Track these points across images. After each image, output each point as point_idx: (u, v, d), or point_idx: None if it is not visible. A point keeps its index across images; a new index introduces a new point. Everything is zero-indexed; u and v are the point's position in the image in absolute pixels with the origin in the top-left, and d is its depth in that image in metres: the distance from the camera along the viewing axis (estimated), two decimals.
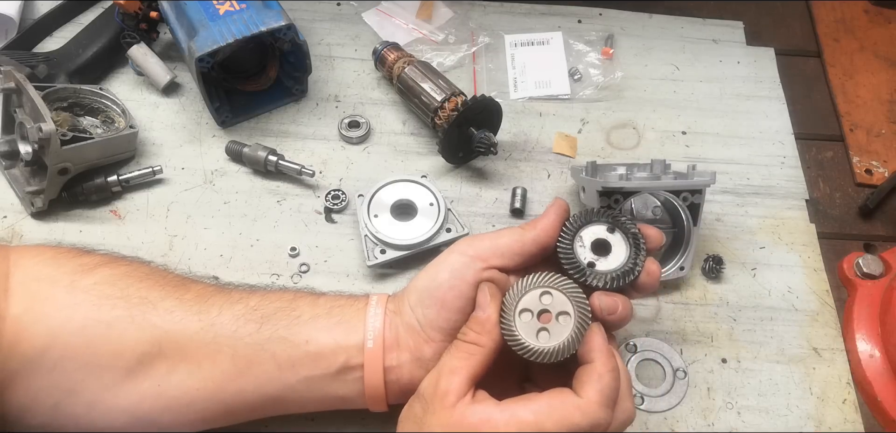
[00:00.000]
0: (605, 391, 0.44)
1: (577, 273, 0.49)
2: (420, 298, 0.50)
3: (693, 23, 0.88)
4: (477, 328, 0.47)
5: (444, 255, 0.51)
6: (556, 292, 0.47)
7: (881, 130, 0.80)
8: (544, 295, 0.47)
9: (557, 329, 0.46)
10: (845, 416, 0.60)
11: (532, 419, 0.43)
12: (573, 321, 0.46)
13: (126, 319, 0.48)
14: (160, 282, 0.51)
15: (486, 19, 0.87)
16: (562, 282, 0.47)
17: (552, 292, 0.47)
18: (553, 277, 0.47)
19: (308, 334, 0.50)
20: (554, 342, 0.46)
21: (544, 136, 0.77)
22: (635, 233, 0.50)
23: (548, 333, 0.46)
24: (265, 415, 0.52)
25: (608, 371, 0.44)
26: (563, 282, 0.47)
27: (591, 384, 0.44)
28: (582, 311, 0.46)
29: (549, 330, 0.46)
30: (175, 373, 0.48)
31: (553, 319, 0.46)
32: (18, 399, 0.46)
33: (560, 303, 0.47)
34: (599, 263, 0.50)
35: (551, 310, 0.47)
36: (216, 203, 0.70)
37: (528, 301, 0.47)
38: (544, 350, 0.45)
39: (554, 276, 0.47)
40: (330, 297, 0.53)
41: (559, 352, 0.45)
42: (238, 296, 0.52)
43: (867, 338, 0.63)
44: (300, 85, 0.77)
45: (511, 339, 0.46)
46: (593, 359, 0.45)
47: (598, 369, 0.44)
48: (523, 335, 0.46)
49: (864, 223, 0.73)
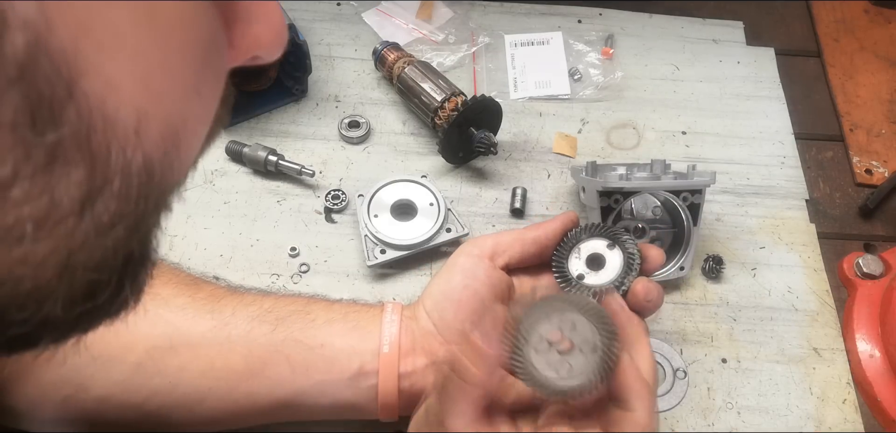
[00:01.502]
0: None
1: (563, 282, 0.49)
2: (436, 303, 0.51)
3: (693, 23, 0.88)
4: (482, 366, 0.41)
5: (452, 259, 0.52)
6: (578, 319, 0.40)
7: (881, 130, 0.80)
8: (563, 319, 0.40)
9: (581, 362, 0.40)
10: (845, 416, 0.60)
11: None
12: (600, 352, 0.40)
13: (138, 314, 0.48)
14: (173, 279, 0.51)
15: (486, 19, 0.87)
16: (584, 304, 0.41)
17: (574, 316, 0.40)
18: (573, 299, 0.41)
19: (323, 338, 0.49)
20: (578, 379, 0.39)
21: (544, 136, 0.77)
22: (631, 253, 0.49)
23: (569, 366, 0.39)
24: (274, 420, 0.51)
25: (646, 417, 0.38)
26: (585, 305, 0.41)
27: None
28: (608, 341, 0.40)
29: (571, 363, 0.40)
30: (186, 370, 0.48)
31: (576, 350, 0.40)
32: (29, 392, 0.46)
33: (584, 331, 0.40)
34: (589, 277, 0.50)
35: (574, 340, 0.40)
36: (216, 203, 0.70)
37: (546, 330, 0.40)
38: (567, 389, 0.39)
39: (574, 297, 0.42)
40: (344, 303, 0.53)
41: (581, 391, 0.39)
42: (251, 298, 0.51)
43: (867, 338, 0.63)
44: (300, 85, 0.77)
45: (527, 378, 0.40)
46: (634, 408, 0.39)
47: (637, 420, 0.39)
48: (541, 372, 0.40)
49: (864, 223, 0.73)
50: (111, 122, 0.19)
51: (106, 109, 0.19)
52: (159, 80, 0.20)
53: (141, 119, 0.20)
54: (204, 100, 0.24)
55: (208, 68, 0.23)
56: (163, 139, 0.21)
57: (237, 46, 0.25)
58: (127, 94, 0.19)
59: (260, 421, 0.51)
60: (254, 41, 0.26)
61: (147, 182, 0.21)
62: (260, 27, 0.25)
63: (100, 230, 0.20)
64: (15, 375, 0.46)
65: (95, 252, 0.20)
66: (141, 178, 0.21)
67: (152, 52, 0.20)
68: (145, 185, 0.21)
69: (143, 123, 0.20)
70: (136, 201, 0.21)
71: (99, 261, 0.21)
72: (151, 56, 0.20)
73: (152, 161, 0.21)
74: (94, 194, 0.19)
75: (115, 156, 0.19)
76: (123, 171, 0.20)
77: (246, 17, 0.25)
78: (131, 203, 0.21)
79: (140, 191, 0.21)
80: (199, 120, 0.24)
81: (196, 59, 0.22)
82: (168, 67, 0.21)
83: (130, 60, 0.19)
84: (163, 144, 0.21)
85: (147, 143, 0.20)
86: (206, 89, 0.23)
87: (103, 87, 0.19)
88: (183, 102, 0.22)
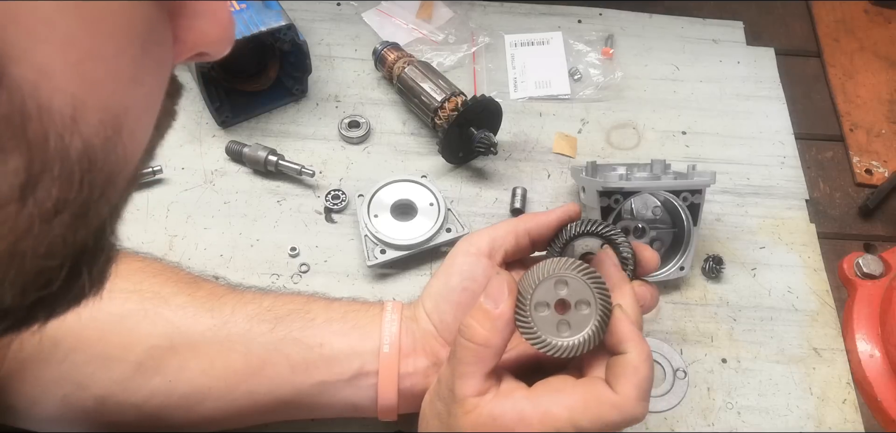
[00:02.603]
0: (642, 385, 0.41)
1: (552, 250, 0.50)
2: (436, 303, 0.51)
3: (693, 23, 0.88)
4: (487, 325, 0.42)
5: (450, 258, 0.51)
6: (572, 279, 0.43)
7: (881, 130, 0.80)
8: (559, 283, 0.43)
9: (579, 319, 0.42)
10: (845, 416, 0.60)
11: (566, 416, 0.40)
12: (596, 309, 0.42)
13: (138, 313, 0.48)
14: (173, 278, 0.51)
15: (486, 19, 0.87)
16: (577, 267, 0.43)
17: (568, 280, 0.43)
18: (566, 262, 0.43)
19: (322, 337, 0.49)
20: (578, 336, 0.42)
21: (544, 136, 0.77)
22: (625, 256, 0.49)
23: (568, 325, 0.43)
24: (274, 419, 0.51)
25: (643, 361, 0.41)
26: (578, 267, 0.43)
27: (627, 378, 0.41)
28: (603, 297, 0.43)
29: (570, 321, 0.43)
30: (186, 369, 0.48)
31: (572, 309, 0.43)
32: (28, 390, 0.46)
33: (578, 290, 0.43)
34: None
35: (569, 300, 0.43)
36: (216, 203, 0.70)
37: (543, 293, 0.43)
38: (569, 345, 0.42)
39: (567, 261, 0.43)
40: (344, 302, 0.53)
41: (585, 345, 0.42)
42: (251, 296, 0.51)
43: (867, 338, 0.63)
44: (300, 85, 0.77)
45: (532, 338, 0.43)
46: (627, 350, 0.41)
47: (632, 361, 0.41)
48: (544, 332, 0.42)
49: (864, 223, 0.73)
50: (46, 108, 0.19)
51: (39, 96, 0.19)
52: (92, 67, 0.21)
53: (77, 106, 0.20)
54: (146, 90, 0.24)
55: (148, 58, 0.23)
56: (102, 126, 0.21)
57: (182, 41, 0.25)
58: (60, 81, 0.19)
59: (259, 420, 0.51)
60: (199, 36, 0.26)
61: (89, 168, 0.21)
62: (205, 23, 0.25)
63: (44, 216, 0.20)
64: (14, 373, 0.46)
65: (42, 238, 0.21)
66: (82, 165, 0.21)
67: (83, 41, 0.20)
68: (88, 171, 0.21)
69: (80, 110, 0.20)
70: (79, 187, 0.21)
71: (47, 248, 0.21)
72: (82, 44, 0.20)
73: (93, 147, 0.21)
74: (34, 180, 0.20)
75: (52, 142, 0.20)
76: (62, 157, 0.20)
77: (191, 12, 0.25)
78: (74, 189, 0.21)
79: (82, 176, 0.21)
80: (141, 109, 0.24)
81: (133, 49, 0.22)
82: (101, 55, 0.21)
83: (61, 48, 0.19)
84: (103, 131, 0.21)
85: (86, 130, 0.21)
86: (147, 79, 0.23)
87: (35, 74, 0.19)
88: (122, 91, 0.22)
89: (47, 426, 0.48)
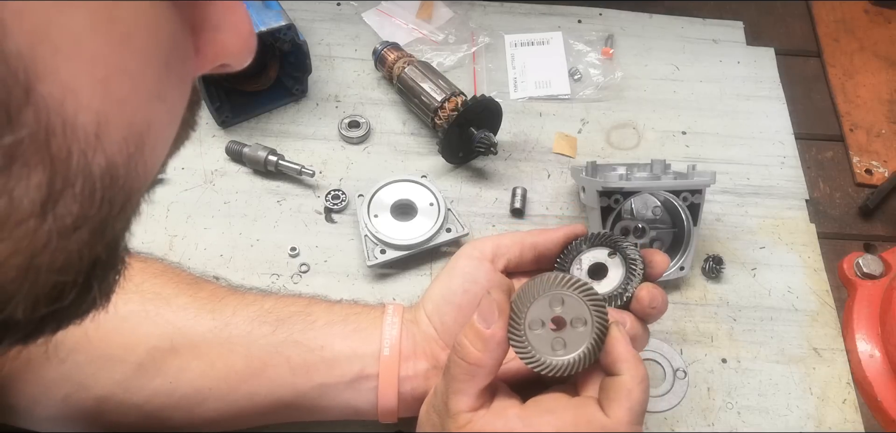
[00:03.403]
0: (635, 408, 0.40)
1: None
2: (437, 307, 0.51)
3: (693, 23, 0.88)
4: (479, 346, 0.41)
5: (453, 262, 0.52)
6: (568, 296, 0.42)
7: (881, 130, 0.80)
8: (555, 301, 0.42)
9: (574, 337, 0.42)
10: (845, 416, 0.60)
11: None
12: (591, 327, 0.42)
13: (140, 313, 0.48)
14: (174, 279, 0.51)
15: (486, 19, 0.87)
16: (574, 284, 0.42)
17: (564, 297, 0.42)
18: (564, 279, 0.42)
19: (323, 340, 0.49)
20: (571, 354, 0.42)
21: (544, 136, 0.77)
22: (633, 260, 0.49)
23: (563, 343, 0.42)
24: (274, 421, 0.51)
25: (638, 384, 0.40)
26: (574, 284, 0.42)
27: (620, 402, 0.40)
28: (600, 316, 0.42)
29: (566, 339, 0.42)
30: (187, 370, 0.48)
31: (568, 327, 0.42)
32: (29, 390, 0.46)
33: (573, 307, 0.42)
34: None
35: (564, 317, 0.42)
36: (216, 203, 0.70)
37: (539, 310, 0.42)
38: (561, 364, 0.42)
39: (564, 278, 0.42)
40: (345, 305, 0.53)
41: (578, 365, 0.42)
42: (252, 298, 0.51)
43: (867, 338, 0.63)
44: (300, 85, 0.77)
45: (524, 355, 0.42)
46: (621, 372, 0.41)
47: (626, 383, 0.40)
48: (538, 350, 0.42)
49: (864, 223, 0.73)
50: (71, 125, 0.19)
51: (65, 113, 0.19)
52: (119, 85, 0.20)
53: (101, 123, 0.20)
54: (168, 105, 0.23)
55: (172, 74, 0.23)
56: (126, 143, 0.21)
57: (204, 53, 0.25)
58: (86, 98, 0.19)
59: (260, 421, 0.51)
60: (221, 49, 0.25)
61: (110, 185, 0.21)
62: (227, 35, 0.25)
63: (63, 232, 0.20)
64: (15, 373, 0.46)
65: (59, 254, 0.21)
66: (104, 182, 0.21)
67: (110, 58, 0.20)
68: (109, 188, 0.21)
69: (104, 127, 0.20)
70: (100, 204, 0.21)
71: (63, 263, 0.21)
72: (110, 61, 0.20)
73: (115, 165, 0.21)
74: (56, 196, 0.19)
75: (75, 159, 0.19)
76: (85, 173, 0.20)
77: (213, 25, 0.25)
78: (95, 206, 0.21)
79: (104, 194, 0.21)
80: (163, 125, 0.24)
81: (157, 65, 0.22)
82: (127, 72, 0.21)
83: (88, 65, 0.19)
84: (126, 148, 0.21)
85: (109, 147, 0.20)
86: (170, 94, 0.23)
87: (61, 91, 0.19)
88: (146, 107, 0.22)
89: (48, 426, 0.48)
